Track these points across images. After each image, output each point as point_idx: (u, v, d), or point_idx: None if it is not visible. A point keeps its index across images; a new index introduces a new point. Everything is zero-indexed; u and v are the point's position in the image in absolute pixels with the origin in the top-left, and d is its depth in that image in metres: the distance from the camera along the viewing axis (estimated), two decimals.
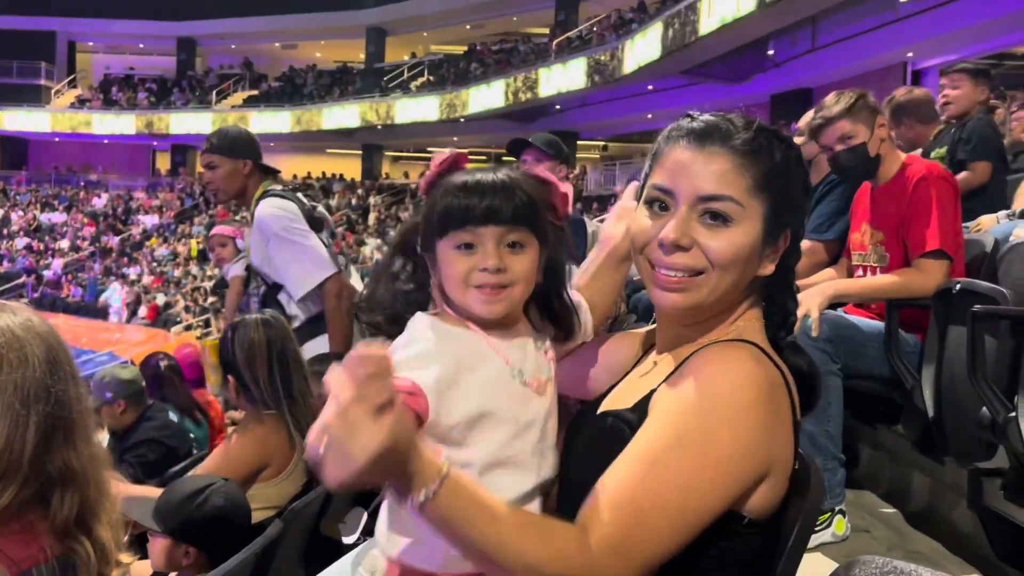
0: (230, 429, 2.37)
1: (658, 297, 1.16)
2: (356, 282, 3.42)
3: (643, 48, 17.44)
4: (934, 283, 2.71)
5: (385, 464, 0.85)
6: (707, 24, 14.83)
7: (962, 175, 3.79)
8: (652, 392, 1.13)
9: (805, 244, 2.01)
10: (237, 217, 3.57)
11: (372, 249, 20.77)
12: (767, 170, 1.13)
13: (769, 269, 1.17)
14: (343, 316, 3.12)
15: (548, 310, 1.23)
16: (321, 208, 3.42)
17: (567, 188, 1.23)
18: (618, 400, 1.21)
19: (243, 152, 3.31)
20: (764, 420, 1.05)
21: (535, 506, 1.16)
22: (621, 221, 1.40)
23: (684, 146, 1.14)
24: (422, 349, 1.09)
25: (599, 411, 1.21)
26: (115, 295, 22.25)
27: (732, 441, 1.03)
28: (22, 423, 1.19)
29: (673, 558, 1.05)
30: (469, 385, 1.08)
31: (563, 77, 20.69)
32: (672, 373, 1.13)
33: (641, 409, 1.12)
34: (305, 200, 3.32)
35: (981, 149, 3.86)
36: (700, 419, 1.04)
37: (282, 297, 3.24)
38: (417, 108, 25.29)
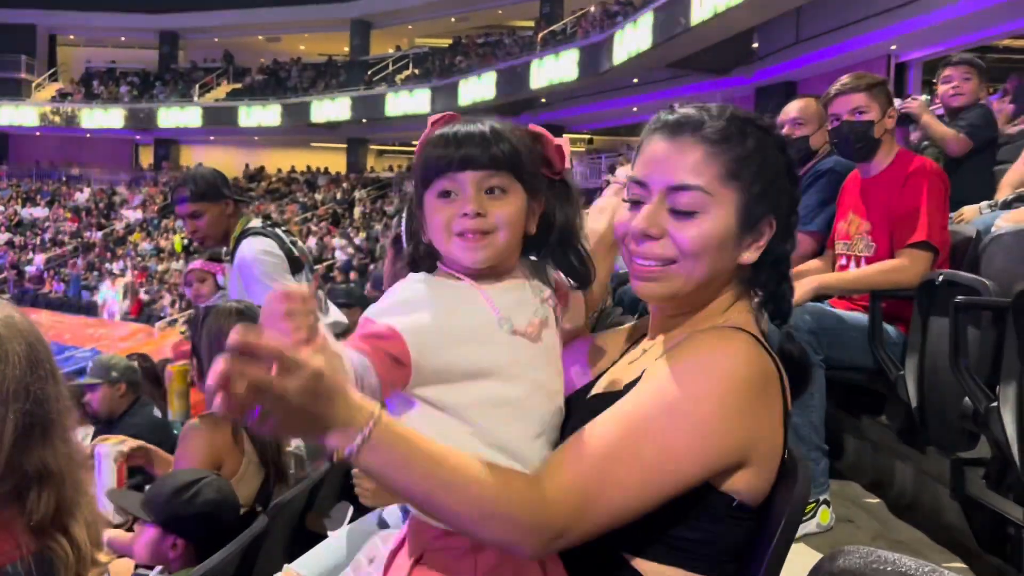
0: (185, 426, 2.31)
1: (636, 287, 1.18)
2: (335, 313, 3.43)
3: (634, 38, 17.35)
4: (918, 274, 2.73)
5: (310, 406, 0.84)
6: (699, 14, 14.82)
7: (951, 134, 3.87)
8: (644, 373, 1.13)
9: None
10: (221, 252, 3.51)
11: (338, 249, 20.74)
12: (739, 157, 1.13)
13: (751, 257, 1.16)
14: None
15: (565, 266, 1.22)
16: (301, 244, 3.40)
17: (563, 142, 1.22)
18: (609, 385, 1.21)
19: (223, 192, 3.25)
20: (752, 402, 1.06)
21: (543, 450, 1.13)
22: (603, 214, 1.42)
23: (658, 138, 1.16)
24: (403, 298, 1.11)
25: (590, 395, 1.22)
26: (110, 293, 21.92)
27: (718, 414, 1.04)
28: (0, 420, 1.18)
29: (663, 539, 1.06)
30: (453, 331, 1.08)
31: (554, 69, 20.54)
32: (663, 353, 1.13)
33: (631, 389, 1.12)
34: (285, 237, 3.28)
35: (972, 130, 3.90)
36: (690, 388, 1.04)
37: None
38: (410, 101, 25.12)
